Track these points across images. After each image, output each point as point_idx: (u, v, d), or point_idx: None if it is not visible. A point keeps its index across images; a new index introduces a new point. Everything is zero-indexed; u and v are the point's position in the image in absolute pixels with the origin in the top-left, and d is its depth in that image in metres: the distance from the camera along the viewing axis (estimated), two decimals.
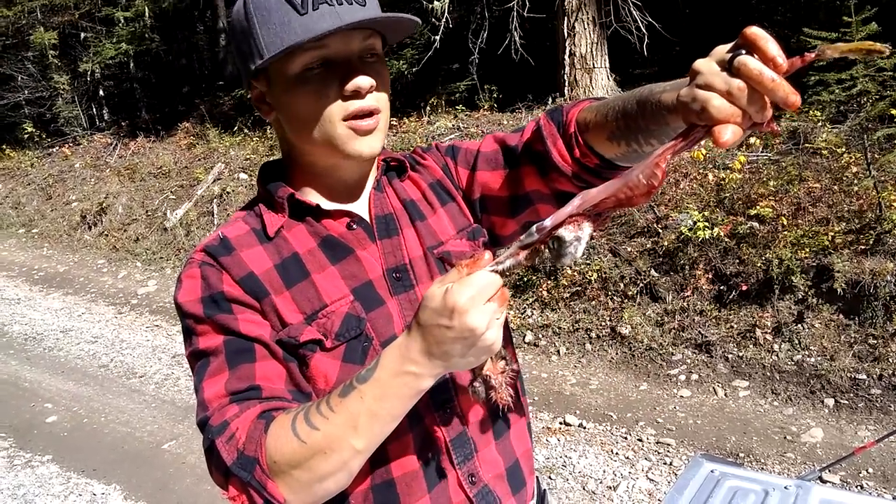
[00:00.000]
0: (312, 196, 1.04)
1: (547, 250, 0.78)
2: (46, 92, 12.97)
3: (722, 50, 0.71)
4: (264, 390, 0.91)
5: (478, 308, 0.76)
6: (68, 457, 3.92)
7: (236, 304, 0.95)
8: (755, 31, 0.67)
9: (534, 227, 0.78)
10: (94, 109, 13.27)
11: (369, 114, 0.96)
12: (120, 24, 11.96)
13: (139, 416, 4.33)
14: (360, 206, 1.07)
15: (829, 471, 3.09)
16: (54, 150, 11.78)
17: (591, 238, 0.78)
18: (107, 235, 8.54)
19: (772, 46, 0.67)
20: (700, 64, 0.72)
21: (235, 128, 9.59)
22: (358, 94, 0.94)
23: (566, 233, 0.76)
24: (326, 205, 1.03)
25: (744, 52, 0.68)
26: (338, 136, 0.96)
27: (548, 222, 0.77)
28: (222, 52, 12.12)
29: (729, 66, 0.68)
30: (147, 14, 11.43)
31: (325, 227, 1.03)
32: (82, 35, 12.87)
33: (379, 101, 0.97)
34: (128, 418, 4.32)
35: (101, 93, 13.39)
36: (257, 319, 0.95)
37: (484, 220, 1.15)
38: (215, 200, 7.96)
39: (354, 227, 1.04)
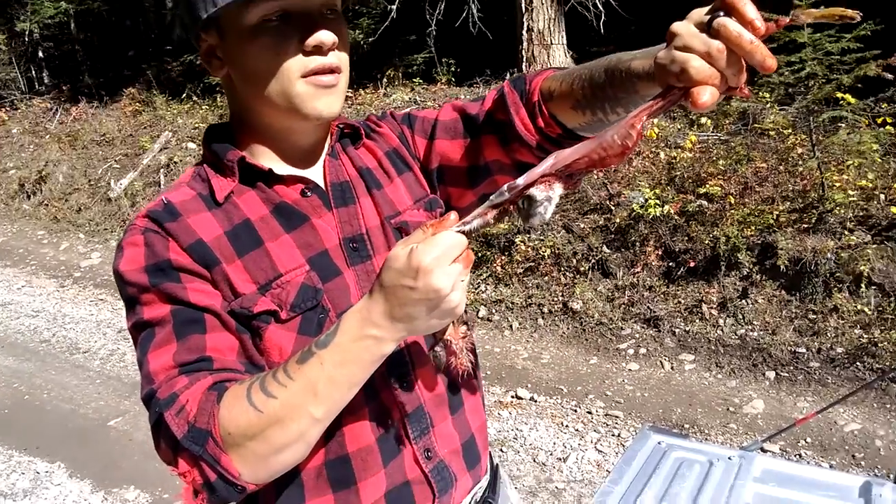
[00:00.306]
0: (264, 160, 0.99)
1: (516, 210, 0.78)
2: None
3: (700, 12, 0.71)
4: (215, 361, 0.87)
5: (443, 268, 0.75)
6: (10, 435, 3.80)
7: (184, 273, 0.90)
8: None
9: (505, 187, 0.77)
10: (34, 72, 12.71)
11: (330, 71, 0.91)
12: None
13: (83, 393, 4.22)
14: (315, 173, 1.03)
15: (770, 441, 3.21)
16: None
17: (561, 199, 0.78)
18: (47, 205, 8.23)
19: (750, 9, 0.67)
20: (678, 26, 0.71)
21: (184, 95, 9.31)
22: (319, 50, 0.90)
23: (537, 192, 0.76)
24: (280, 169, 0.98)
25: (722, 14, 0.68)
26: (296, 93, 0.91)
27: (520, 181, 0.76)
28: (169, 14, 11.71)
29: (707, 28, 0.68)
30: None
31: (278, 193, 0.98)
32: None
33: (340, 59, 0.93)
34: (71, 395, 4.21)
35: (40, 54, 12.82)
36: (207, 289, 0.90)
37: (441, 190, 1.12)
38: (162, 170, 7.74)
39: (309, 193, 1.00)
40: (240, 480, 0.81)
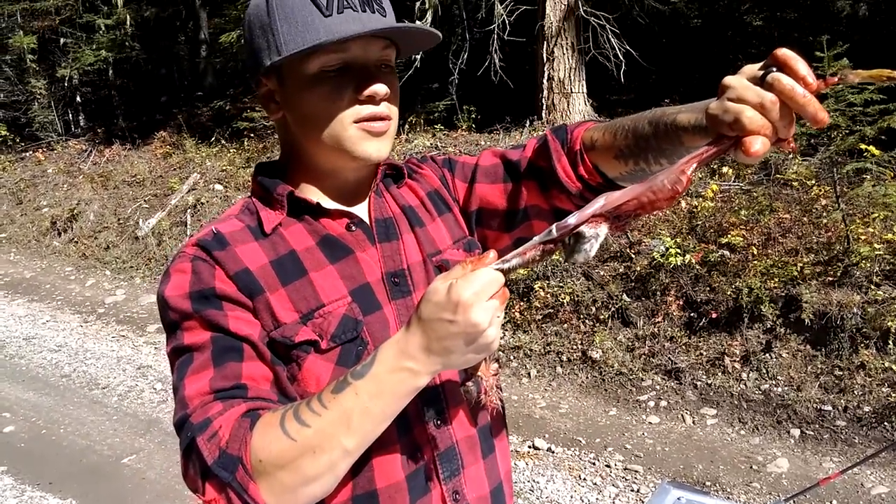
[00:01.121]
0: (312, 195, 1.03)
1: (561, 245, 0.79)
2: (22, 96, 12.79)
3: (752, 68, 0.74)
4: (250, 389, 0.87)
5: (481, 304, 0.76)
6: (24, 469, 3.81)
7: (227, 302, 0.92)
8: (786, 52, 0.71)
9: (554, 227, 0.78)
10: (70, 115, 13.11)
11: (381, 118, 0.97)
12: (101, 31, 11.85)
13: (100, 429, 4.23)
14: (360, 210, 1.06)
15: (794, 501, 3.10)
16: (27, 154, 11.59)
17: (606, 239, 0.79)
18: (76, 242, 8.39)
19: (802, 66, 0.70)
20: (731, 79, 0.75)
21: (213, 139, 9.52)
22: (372, 100, 0.95)
23: (586, 229, 0.77)
24: (327, 204, 1.02)
25: (775, 69, 0.71)
26: (348, 137, 0.96)
27: (571, 220, 0.77)
28: (202, 63, 12.06)
29: (761, 82, 0.71)
30: (129, 22, 11.36)
31: (324, 226, 1.01)
32: (62, 41, 12.74)
33: (391, 109, 0.98)
34: (88, 430, 4.22)
35: (78, 99, 13.23)
36: (248, 318, 0.92)
37: (478, 233, 1.15)
38: (189, 210, 7.87)
39: (354, 228, 1.02)
40: None
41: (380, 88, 0.94)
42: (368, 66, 0.95)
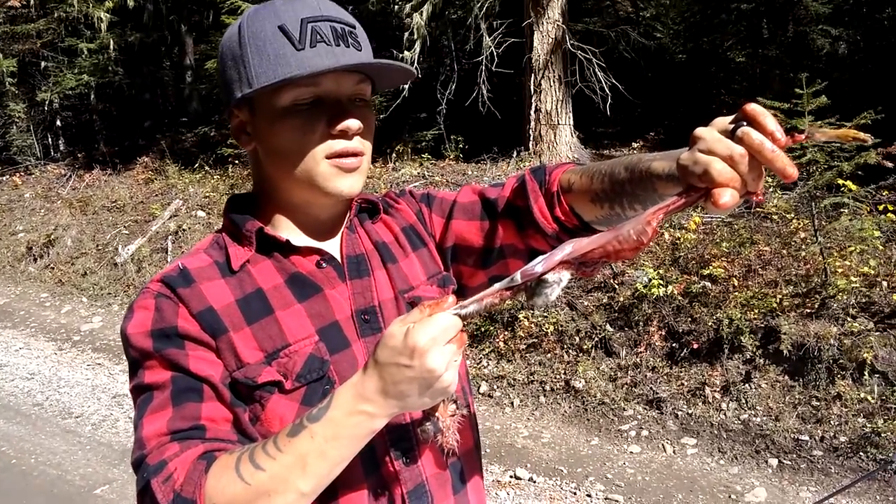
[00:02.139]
0: (283, 231, 1.01)
1: (524, 288, 0.78)
2: (0, 120, 12.70)
3: (724, 121, 0.75)
4: (208, 430, 0.87)
5: (438, 349, 0.76)
6: None
7: (189, 341, 0.91)
8: (755, 107, 0.72)
9: (518, 274, 0.78)
10: (50, 139, 13.02)
11: (353, 154, 0.96)
12: (83, 56, 11.84)
13: (72, 459, 4.13)
14: (332, 246, 1.05)
15: None
16: (4, 178, 11.48)
17: (568, 283, 0.79)
18: (52, 268, 8.28)
19: (770, 122, 0.71)
20: (702, 131, 0.75)
21: (196, 164, 9.50)
22: (344, 134, 0.94)
23: (550, 275, 0.77)
24: (297, 241, 1.01)
25: (745, 123, 0.72)
26: (319, 172, 0.95)
27: (538, 268, 0.77)
28: (188, 88, 12.07)
29: (731, 135, 0.72)
30: (112, 47, 11.35)
31: (294, 263, 1.00)
32: (43, 64, 12.70)
33: (364, 144, 0.98)
34: (60, 460, 4.12)
35: (58, 123, 13.16)
36: (210, 358, 0.91)
37: (454, 269, 1.14)
38: (170, 237, 7.81)
39: (324, 265, 1.01)
40: None
41: (352, 123, 0.93)
42: (341, 100, 0.94)
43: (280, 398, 0.92)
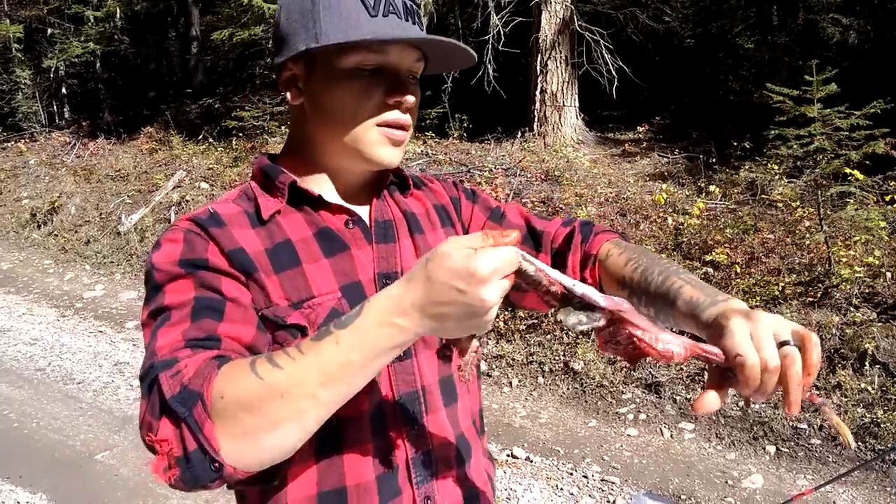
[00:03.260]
0: (314, 187, 1.02)
1: (568, 302, 0.76)
2: (6, 85, 12.64)
3: (782, 326, 0.75)
4: (223, 343, 0.84)
5: (495, 282, 0.72)
6: None
7: (218, 272, 0.90)
8: (814, 337, 0.73)
9: (579, 288, 0.76)
10: (55, 107, 12.99)
11: (401, 127, 0.98)
12: (90, 23, 11.75)
13: (73, 424, 4.16)
14: (362, 211, 1.06)
15: None
16: (9, 144, 11.45)
17: (591, 330, 0.77)
18: (56, 235, 8.29)
19: (816, 356, 0.72)
20: (761, 320, 0.75)
21: (200, 136, 9.47)
22: (399, 106, 0.96)
23: (598, 312, 0.76)
24: (329, 197, 1.02)
25: (793, 343, 0.73)
26: (367, 139, 0.96)
27: (601, 302, 0.75)
28: (193, 59, 12.00)
29: (779, 345, 0.73)
30: (118, 15, 11.28)
31: (323, 218, 1.01)
32: (49, 31, 12.62)
33: (411, 118, 1.00)
34: (61, 425, 4.15)
35: (63, 90, 13.11)
36: (240, 287, 0.91)
37: None
38: (173, 208, 7.81)
39: (352, 226, 1.02)
40: (219, 455, 0.74)
41: (409, 97, 0.96)
42: (401, 73, 0.96)
43: None
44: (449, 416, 1.05)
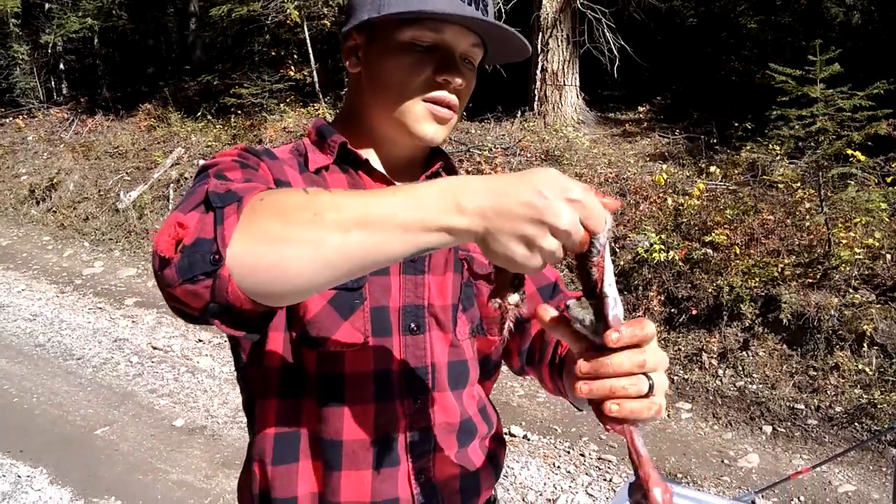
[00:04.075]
0: (363, 153, 1.04)
1: (590, 294, 0.71)
2: (4, 61, 12.54)
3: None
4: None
5: (576, 209, 0.65)
6: None
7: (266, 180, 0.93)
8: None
9: (621, 305, 0.71)
10: (53, 83, 12.89)
11: (447, 105, 0.99)
12: None
13: (73, 399, 4.18)
14: None
15: (763, 495, 3.15)
16: (7, 120, 11.38)
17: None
18: (55, 212, 8.27)
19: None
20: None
21: (199, 113, 9.41)
22: (447, 84, 0.97)
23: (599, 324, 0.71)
24: (375, 164, 1.04)
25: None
26: (412, 112, 0.98)
27: (611, 319, 0.71)
28: (191, 36, 11.90)
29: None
30: None
31: (365, 183, 1.03)
32: (46, 6, 12.49)
33: (460, 100, 1.01)
34: (61, 401, 4.17)
35: (61, 66, 13.01)
36: None
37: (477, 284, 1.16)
38: (172, 185, 7.79)
39: None
40: (225, 248, 0.68)
41: (456, 77, 0.96)
42: (454, 54, 0.97)
43: None
44: (455, 398, 1.05)
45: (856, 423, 3.57)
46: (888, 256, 4.06)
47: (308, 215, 0.67)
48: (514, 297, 0.78)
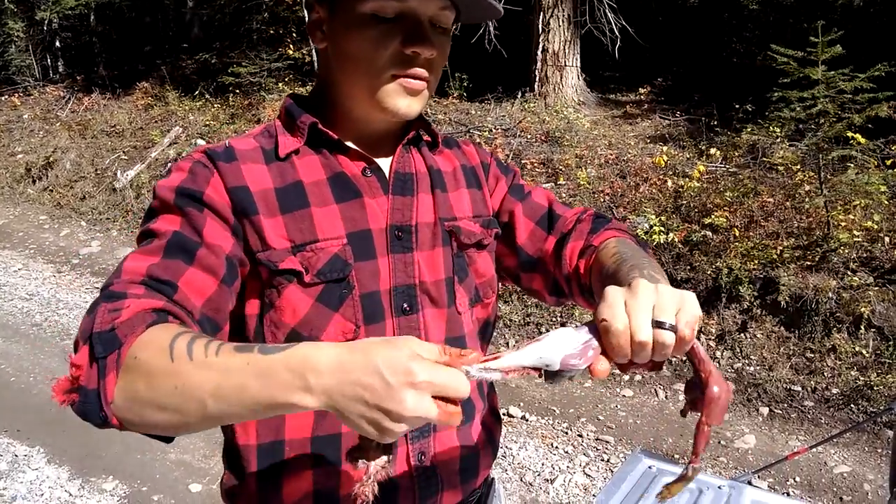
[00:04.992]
0: (336, 132, 1.01)
1: (541, 374, 0.73)
2: None
3: (667, 306, 0.74)
4: (178, 293, 0.83)
5: (424, 395, 0.64)
6: None
7: (210, 210, 0.90)
8: (686, 335, 0.73)
9: (560, 362, 0.72)
10: (49, 60, 12.77)
11: (419, 78, 0.95)
12: None
13: None
14: (383, 162, 1.04)
15: (759, 476, 3.16)
16: (2, 98, 11.29)
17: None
18: (51, 191, 8.23)
19: (682, 350, 0.75)
20: (637, 297, 0.75)
21: (197, 92, 9.33)
22: (416, 58, 0.93)
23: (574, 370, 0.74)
24: (349, 143, 1.01)
25: (669, 325, 0.73)
26: (383, 88, 0.94)
27: (581, 365, 0.73)
28: (189, 13, 11.78)
29: (654, 325, 0.73)
30: None
31: (340, 163, 1.00)
32: None
33: (432, 70, 0.97)
34: None
35: (57, 44, 12.88)
36: (224, 233, 0.90)
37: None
38: (170, 164, 7.74)
39: (369, 174, 1.01)
40: (109, 407, 0.73)
41: (425, 49, 0.92)
42: (422, 21, 0.93)
43: (297, 289, 0.92)
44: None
45: (852, 405, 3.58)
46: (886, 239, 4.06)
47: (170, 387, 0.72)
48: (381, 459, 0.73)
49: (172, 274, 0.85)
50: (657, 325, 0.71)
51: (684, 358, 0.77)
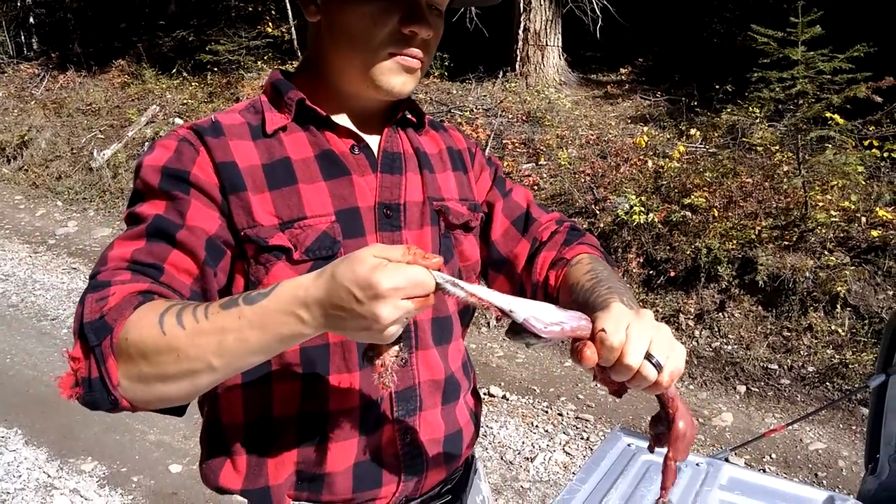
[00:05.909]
0: (324, 109, 0.99)
1: (512, 324, 0.75)
2: None
3: (661, 344, 0.78)
4: (165, 274, 0.85)
5: (394, 301, 0.69)
6: None
7: (196, 190, 0.89)
8: (664, 381, 0.78)
9: (522, 316, 0.74)
10: (23, 37, 12.48)
11: (415, 56, 0.95)
12: None
13: (48, 360, 4.14)
14: (371, 140, 1.03)
15: (736, 453, 3.21)
16: None
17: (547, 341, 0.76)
18: (27, 170, 8.09)
19: (663, 389, 0.80)
20: (639, 324, 0.78)
21: (174, 70, 9.19)
22: (413, 37, 0.92)
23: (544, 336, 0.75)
24: (338, 120, 0.99)
25: (655, 362, 0.77)
26: (379, 65, 0.93)
27: (543, 333, 0.74)
28: None
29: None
30: None
31: (328, 140, 0.99)
32: None
33: (427, 52, 0.96)
34: (35, 361, 4.12)
35: (31, 20, 12.59)
36: (210, 214, 0.90)
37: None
38: (147, 143, 7.63)
39: (357, 151, 1.00)
40: (116, 391, 0.77)
41: (423, 30, 0.92)
42: (420, 1, 0.92)
43: (285, 267, 0.92)
44: (440, 354, 1.04)
45: (827, 383, 3.64)
46: (863, 219, 4.10)
47: (171, 357, 0.75)
48: (393, 350, 0.79)
49: (157, 257, 0.86)
50: (647, 356, 0.75)
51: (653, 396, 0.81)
